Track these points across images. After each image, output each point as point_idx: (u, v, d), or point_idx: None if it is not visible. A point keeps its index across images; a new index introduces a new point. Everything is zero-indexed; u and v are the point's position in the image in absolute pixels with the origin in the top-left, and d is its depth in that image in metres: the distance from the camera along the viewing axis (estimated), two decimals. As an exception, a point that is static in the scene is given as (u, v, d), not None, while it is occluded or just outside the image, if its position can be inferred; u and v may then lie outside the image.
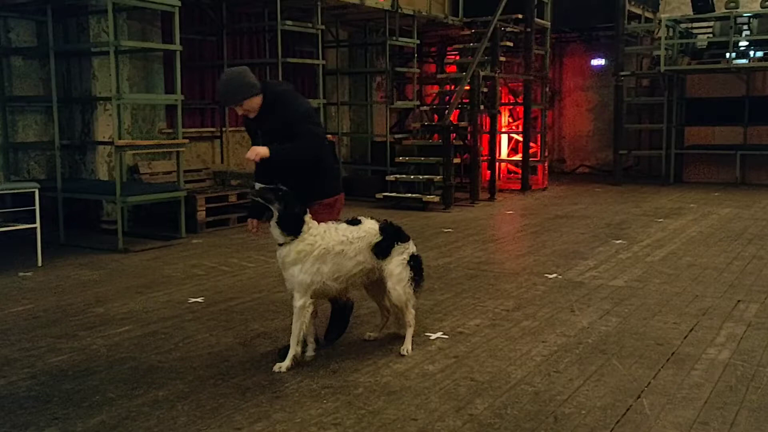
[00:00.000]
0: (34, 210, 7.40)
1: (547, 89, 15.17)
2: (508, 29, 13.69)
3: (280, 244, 4.40)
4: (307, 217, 4.40)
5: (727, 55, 13.98)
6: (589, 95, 17.92)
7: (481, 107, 12.87)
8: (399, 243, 4.69)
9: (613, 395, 4.04)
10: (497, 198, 12.91)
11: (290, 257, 4.36)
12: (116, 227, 8.36)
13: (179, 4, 8.55)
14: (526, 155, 14.19)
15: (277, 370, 4.39)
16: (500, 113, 14.33)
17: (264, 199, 4.34)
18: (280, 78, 10.33)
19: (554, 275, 6.94)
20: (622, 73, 15.31)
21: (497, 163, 13.84)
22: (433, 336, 5.08)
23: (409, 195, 11.93)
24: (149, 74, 10.48)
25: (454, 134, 12.34)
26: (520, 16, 13.73)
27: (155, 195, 8.86)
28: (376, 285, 4.81)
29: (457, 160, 12.54)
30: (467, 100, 12.76)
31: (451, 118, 12.14)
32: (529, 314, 5.63)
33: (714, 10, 14.72)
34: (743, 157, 14.88)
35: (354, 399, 3.99)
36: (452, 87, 13.35)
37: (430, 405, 3.90)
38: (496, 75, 13.17)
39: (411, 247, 4.76)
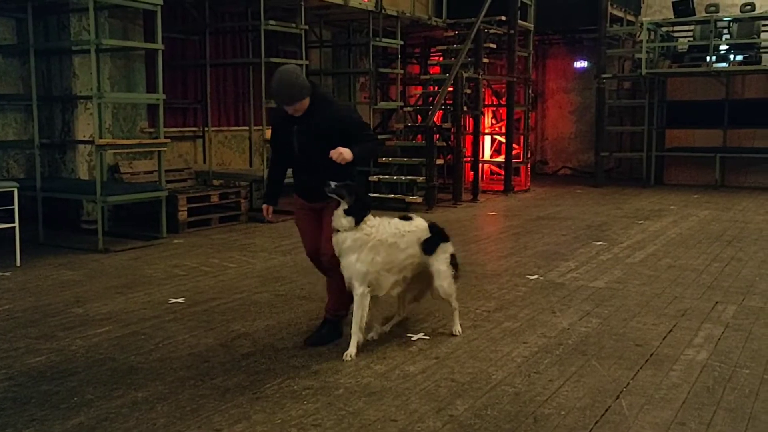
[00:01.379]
0: (13, 209, 7.32)
1: (530, 91, 15.23)
2: (492, 31, 13.74)
3: (337, 231, 4.65)
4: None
5: (708, 58, 14.13)
6: (571, 97, 18.02)
7: (465, 108, 12.91)
8: (443, 242, 5.07)
9: (593, 396, 4.07)
10: (480, 199, 12.95)
11: (347, 244, 4.62)
12: (96, 227, 8.30)
13: (161, 2, 8.49)
14: (508, 157, 14.25)
15: (347, 359, 4.60)
16: (483, 114, 14.37)
17: (338, 195, 4.61)
18: (263, 79, 10.29)
19: (535, 276, 6.97)
20: (604, 76, 15.41)
21: (480, 165, 13.88)
22: (415, 337, 5.08)
23: (392, 196, 11.93)
24: (131, 73, 10.40)
25: (437, 135, 12.37)
26: (503, 18, 13.78)
27: (136, 195, 8.80)
28: (414, 281, 5.09)
29: (440, 161, 12.56)
30: (450, 102, 12.79)
31: (435, 119, 12.16)
32: (511, 315, 5.66)
33: (694, 14, 14.85)
34: (723, 160, 15.03)
35: (334, 400, 3.98)
36: (436, 88, 13.37)
37: (410, 406, 3.91)
38: (480, 76, 13.20)
39: (450, 248, 5.14)
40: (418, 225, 5.02)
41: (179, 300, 6.09)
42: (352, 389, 4.13)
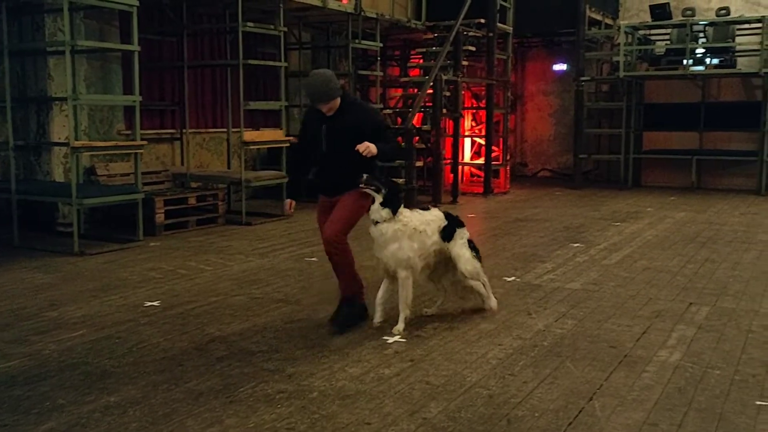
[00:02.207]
0: (-14, 212, 7.25)
1: (510, 94, 15.31)
2: (471, 34, 13.79)
3: (376, 224, 5.11)
4: None
5: (684, 61, 14.28)
6: (550, 100, 18.12)
7: (444, 111, 12.95)
8: (458, 228, 5.51)
9: (566, 397, 4.09)
10: (459, 201, 12.99)
11: (389, 234, 5.10)
12: (72, 230, 8.21)
13: (137, 3, 8.43)
14: (488, 159, 14.30)
15: (396, 333, 5.12)
16: (463, 117, 14.43)
17: (373, 187, 5.06)
18: (242, 80, 10.26)
19: (512, 278, 7.00)
20: (583, 79, 15.52)
21: (460, 167, 13.92)
22: (390, 340, 5.08)
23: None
24: (107, 74, 10.32)
25: (417, 137, 12.39)
26: (482, 20, 13.83)
27: (112, 197, 8.73)
28: (438, 267, 5.55)
29: (419, 163, 12.58)
30: (430, 104, 12.82)
31: (414, 122, 12.18)
32: (487, 317, 5.67)
33: (671, 18, 15.00)
34: (699, 162, 15.18)
35: (308, 403, 3.97)
36: (415, 90, 13.40)
37: (384, 409, 3.91)
38: (459, 79, 13.25)
39: (466, 233, 5.58)
40: (436, 214, 5.47)
41: (154, 303, 6.05)
42: (326, 393, 4.13)
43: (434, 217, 5.42)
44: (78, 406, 3.94)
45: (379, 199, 5.07)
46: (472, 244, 5.58)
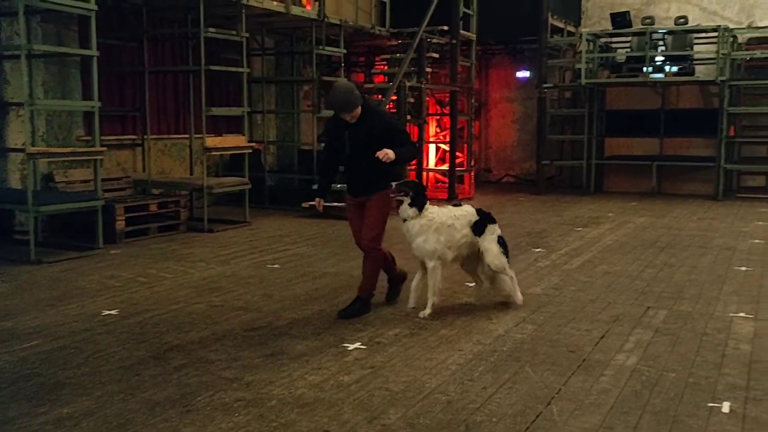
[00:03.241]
0: (-61, 220, 7.07)
1: (473, 100, 15.41)
2: (434, 41, 13.86)
3: (405, 221, 5.74)
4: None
5: (644, 69, 14.52)
6: (514, 106, 18.29)
7: (409, 117, 12.98)
8: (490, 224, 5.98)
9: (524, 402, 4.11)
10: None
11: (415, 229, 5.73)
12: (29, 237, 8.05)
13: (95, 8, 8.31)
14: (453, 165, 14.37)
15: (422, 317, 5.72)
16: (427, 123, 14.48)
17: (403, 191, 5.69)
18: (203, 86, 10.18)
19: (474, 283, 7.00)
20: (545, 86, 15.68)
21: (424, 173, 13.96)
22: (351, 347, 5.07)
23: (336, 204, 11.88)
24: (66, 79, 10.15)
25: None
26: (445, 27, 13.92)
27: (70, 204, 8.57)
28: (470, 259, 6.10)
29: (383, 170, 12.56)
30: (394, 110, 12.84)
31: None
32: (448, 323, 5.69)
33: (631, 26, 15.25)
34: (659, 168, 15.43)
35: (266, 412, 3.94)
36: (380, 97, 13.41)
37: (342, 416, 3.89)
38: (423, 86, 13.30)
39: (498, 229, 6.04)
40: (468, 210, 5.97)
41: (112, 312, 5.95)
42: (285, 400, 4.10)
43: (465, 213, 5.92)
44: (30, 418, 3.86)
45: (407, 200, 5.66)
46: (501, 240, 6.00)
